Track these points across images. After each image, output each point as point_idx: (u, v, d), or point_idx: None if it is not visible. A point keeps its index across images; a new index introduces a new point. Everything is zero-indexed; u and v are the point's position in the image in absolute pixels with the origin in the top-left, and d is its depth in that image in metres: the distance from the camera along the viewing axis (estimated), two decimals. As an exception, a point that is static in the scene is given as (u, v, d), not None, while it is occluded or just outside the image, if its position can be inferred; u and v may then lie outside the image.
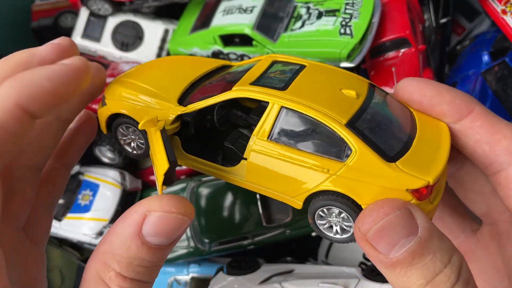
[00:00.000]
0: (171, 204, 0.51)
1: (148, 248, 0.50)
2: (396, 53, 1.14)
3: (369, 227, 0.49)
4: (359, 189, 0.54)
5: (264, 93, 0.58)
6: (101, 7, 1.30)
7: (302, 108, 0.56)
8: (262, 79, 0.61)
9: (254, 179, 0.60)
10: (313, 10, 1.14)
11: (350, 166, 0.54)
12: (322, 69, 0.65)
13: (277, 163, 0.57)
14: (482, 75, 1.09)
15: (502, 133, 0.58)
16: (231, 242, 1.13)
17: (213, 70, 0.71)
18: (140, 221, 0.51)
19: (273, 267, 1.07)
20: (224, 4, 1.24)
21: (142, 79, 0.68)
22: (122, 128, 0.67)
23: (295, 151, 0.56)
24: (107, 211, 1.19)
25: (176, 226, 0.51)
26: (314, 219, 0.60)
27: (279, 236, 1.11)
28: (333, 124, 0.55)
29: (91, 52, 1.36)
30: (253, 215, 1.10)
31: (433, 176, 0.53)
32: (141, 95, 0.65)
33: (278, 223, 1.10)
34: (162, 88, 0.66)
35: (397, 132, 0.58)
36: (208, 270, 1.16)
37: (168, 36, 1.34)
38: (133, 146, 0.68)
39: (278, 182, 0.59)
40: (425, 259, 0.48)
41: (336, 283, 0.93)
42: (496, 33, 1.18)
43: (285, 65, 0.65)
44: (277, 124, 0.57)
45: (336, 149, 0.55)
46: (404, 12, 1.13)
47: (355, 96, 0.59)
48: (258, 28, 1.13)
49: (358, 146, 0.54)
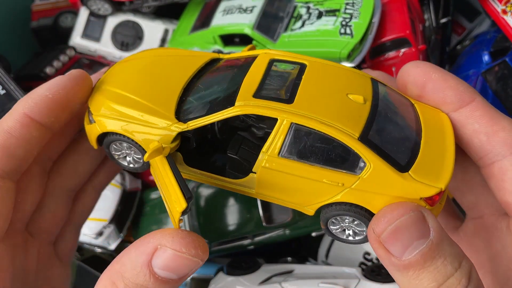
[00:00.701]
0: (183, 244, 0.50)
1: (156, 279, 0.50)
2: (396, 53, 1.14)
3: (384, 228, 0.50)
4: (373, 200, 0.54)
5: (272, 108, 0.56)
6: (101, 7, 1.30)
7: (313, 124, 0.54)
8: (264, 87, 0.59)
9: (265, 191, 0.59)
10: (313, 10, 1.14)
11: (364, 179, 0.54)
12: (324, 67, 0.63)
13: (289, 178, 0.56)
14: (483, 75, 1.09)
15: (501, 125, 0.58)
16: (231, 242, 1.12)
17: (203, 68, 0.67)
18: (151, 252, 0.51)
19: (273, 267, 1.06)
20: (224, 4, 1.23)
21: (128, 88, 0.63)
22: (115, 144, 0.64)
23: (307, 166, 0.55)
24: (107, 211, 1.19)
25: (185, 266, 0.51)
26: (327, 225, 0.60)
27: (279, 236, 1.11)
28: (346, 139, 0.54)
29: (91, 52, 1.36)
30: (253, 215, 1.10)
31: (444, 182, 0.53)
32: (132, 111, 0.60)
33: (278, 223, 1.10)
34: (153, 99, 0.61)
35: (405, 136, 0.57)
36: (208, 270, 1.16)
37: (168, 36, 1.34)
38: (129, 160, 0.65)
39: (290, 195, 0.58)
40: (437, 262, 0.48)
41: (336, 283, 0.93)
42: (496, 33, 1.18)
43: (284, 65, 0.63)
44: (287, 140, 0.56)
45: (349, 163, 0.55)
46: (404, 12, 1.13)
47: (363, 102, 0.58)
48: (258, 28, 1.13)
49: (372, 159, 0.53)
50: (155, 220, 1.19)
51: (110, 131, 0.61)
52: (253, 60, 0.64)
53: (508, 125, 0.58)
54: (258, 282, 0.99)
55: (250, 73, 0.61)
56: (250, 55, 0.66)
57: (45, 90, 0.60)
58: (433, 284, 0.48)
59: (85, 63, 1.28)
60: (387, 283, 0.92)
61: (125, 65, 0.69)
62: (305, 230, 1.10)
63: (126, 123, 0.60)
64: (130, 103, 0.61)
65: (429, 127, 0.59)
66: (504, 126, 0.58)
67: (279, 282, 0.97)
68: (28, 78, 1.20)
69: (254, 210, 1.10)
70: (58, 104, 0.60)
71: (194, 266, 0.51)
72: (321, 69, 0.63)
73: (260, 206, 1.10)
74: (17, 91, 1.00)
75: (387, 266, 0.51)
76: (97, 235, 1.19)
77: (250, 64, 0.63)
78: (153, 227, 1.18)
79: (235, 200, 1.12)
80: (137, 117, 0.60)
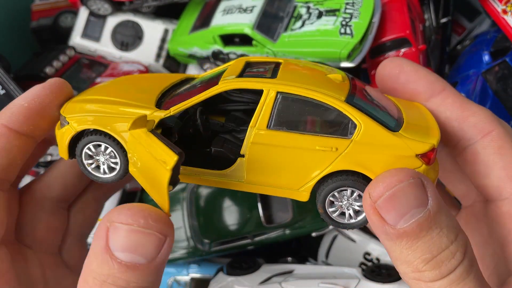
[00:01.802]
0: (131, 215, 0.47)
1: (120, 265, 0.46)
2: (396, 53, 1.14)
3: (381, 193, 0.48)
4: (369, 163, 0.53)
5: (256, 81, 0.56)
6: (100, 6, 1.30)
7: (299, 90, 0.54)
8: (245, 74, 0.59)
9: (255, 176, 0.57)
10: (313, 9, 1.14)
11: (357, 141, 0.53)
12: (299, 62, 0.65)
13: (280, 153, 0.55)
14: (483, 75, 1.09)
15: (471, 111, 0.59)
16: (231, 242, 1.12)
17: (178, 83, 0.67)
18: (104, 234, 0.47)
19: (273, 267, 1.06)
20: (224, 4, 1.23)
21: (104, 94, 0.62)
22: (89, 148, 0.60)
23: (298, 135, 0.54)
24: (107, 211, 1.19)
25: (146, 243, 0.46)
26: (325, 207, 0.57)
27: (279, 236, 1.11)
28: (333, 101, 0.54)
29: (90, 52, 1.36)
30: (253, 215, 1.10)
31: (435, 139, 0.54)
32: (110, 106, 0.58)
33: (278, 223, 1.10)
34: (132, 98, 0.60)
35: (388, 108, 0.58)
36: (208, 270, 1.16)
37: (168, 36, 1.34)
38: (103, 168, 0.61)
39: (283, 174, 0.56)
40: (432, 232, 0.47)
41: (336, 283, 0.93)
42: (496, 33, 1.18)
43: (260, 64, 0.63)
44: (274, 111, 0.55)
45: (339, 127, 0.54)
46: (405, 12, 1.13)
47: (342, 79, 0.59)
48: (258, 28, 1.13)
49: (362, 119, 0.53)
50: (155, 220, 1.19)
51: (87, 127, 0.58)
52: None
53: (478, 110, 0.59)
54: (258, 282, 0.99)
55: (228, 70, 0.62)
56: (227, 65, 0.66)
57: (21, 99, 0.62)
58: (426, 256, 0.47)
59: (85, 63, 1.28)
60: (387, 283, 0.92)
61: (97, 86, 0.70)
62: (305, 230, 1.10)
63: (106, 118, 0.58)
64: (108, 101, 0.60)
65: (408, 109, 0.61)
66: (474, 111, 0.58)
67: (279, 282, 0.97)
68: (28, 78, 1.20)
69: (254, 210, 1.10)
70: (34, 112, 0.61)
71: (157, 242, 0.47)
72: (297, 62, 0.64)
73: (260, 206, 1.10)
74: (17, 91, 1.00)
75: (379, 234, 0.49)
76: (97, 235, 1.19)
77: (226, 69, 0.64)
78: (153, 227, 1.18)
79: (235, 200, 1.12)
80: (115, 111, 0.58)
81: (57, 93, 0.64)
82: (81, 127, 0.59)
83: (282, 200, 1.11)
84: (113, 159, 0.60)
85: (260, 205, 1.10)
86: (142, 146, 0.53)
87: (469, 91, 1.10)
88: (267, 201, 1.11)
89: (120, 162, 0.59)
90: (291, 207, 1.09)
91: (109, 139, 0.58)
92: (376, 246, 1.12)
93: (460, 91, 1.13)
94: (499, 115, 0.61)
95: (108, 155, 0.60)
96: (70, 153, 0.62)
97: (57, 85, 0.65)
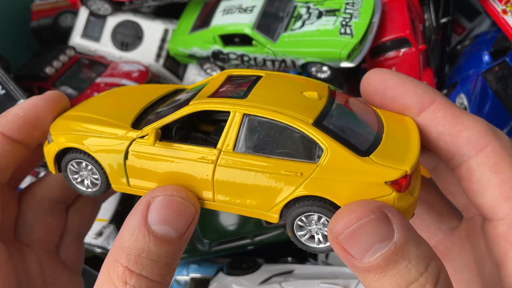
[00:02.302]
0: (172, 189, 0.53)
1: (155, 238, 0.50)
2: (396, 53, 1.14)
3: (342, 230, 0.47)
4: (335, 189, 0.52)
5: (224, 103, 0.55)
6: (100, 6, 1.30)
7: (265, 113, 0.53)
8: (219, 93, 0.59)
9: (223, 197, 0.57)
10: (313, 10, 1.14)
11: (323, 166, 0.52)
12: (281, 77, 0.63)
13: (246, 175, 0.54)
14: (483, 75, 1.09)
15: (464, 124, 0.56)
16: (231, 242, 1.12)
17: (166, 95, 0.68)
18: (145, 209, 0.51)
19: (273, 267, 1.06)
20: (224, 4, 1.23)
21: (90, 110, 0.65)
22: (72, 164, 0.63)
23: (264, 159, 0.54)
24: (107, 211, 1.19)
25: (178, 211, 0.51)
26: (294, 231, 0.57)
27: (279, 236, 1.11)
28: (299, 124, 0.52)
29: (90, 52, 1.36)
30: (253, 215, 1.10)
31: (409, 165, 0.51)
32: (89, 125, 0.60)
33: (278, 223, 1.10)
34: (112, 115, 0.62)
35: (365, 129, 0.56)
36: (208, 270, 1.16)
37: (168, 36, 1.34)
38: (87, 183, 0.64)
39: (250, 197, 0.56)
40: (400, 266, 0.45)
41: (336, 283, 0.93)
42: (496, 33, 1.18)
43: (241, 78, 0.63)
44: (241, 133, 0.55)
45: (306, 151, 0.53)
46: (405, 12, 1.13)
47: (318, 97, 0.57)
48: (258, 28, 1.13)
49: (328, 143, 0.52)
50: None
51: (68, 146, 0.61)
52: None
53: (471, 123, 0.56)
54: (258, 282, 0.99)
55: (207, 86, 0.61)
56: (211, 78, 0.66)
57: (18, 108, 0.65)
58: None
59: (85, 63, 1.28)
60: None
61: (92, 97, 0.73)
62: (305, 230, 1.10)
63: (83, 136, 0.60)
64: (88, 119, 0.62)
65: (391, 125, 0.58)
66: (467, 124, 0.56)
67: (279, 282, 0.97)
68: (28, 78, 1.20)
69: (254, 210, 1.10)
70: (28, 122, 0.64)
71: (190, 217, 0.52)
72: (277, 77, 0.62)
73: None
74: (17, 91, 1.00)
75: (349, 266, 0.49)
76: (97, 235, 1.19)
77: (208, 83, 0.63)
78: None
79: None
80: (94, 129, 0.60)
81: (53, 106, 0.67)
82: (63, 145, 0.62)
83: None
84: (95, 176, 0.62)
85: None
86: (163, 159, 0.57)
87: (469, 91, 1.10)
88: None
89: (101, 178, 0.62)
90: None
91: (88, 157, 0.61)
92: (376, 246, 1.12)
93: (460, 91, 1.13)
94: (499, 115, 0.60)
95: (90, 171, 0.62)
96: (58, 168, 0.65)
97: (54, 98, 0.67)
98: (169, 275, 0.52)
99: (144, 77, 1.21)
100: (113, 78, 1.21)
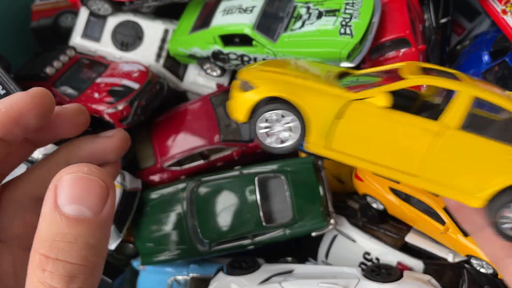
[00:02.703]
0: (75, 167, 0.50)
1: (67, 219, 0.48)
2: (396, 53, 1.14)
3: None
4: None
5: (451, 82, 0.56)
6: (101, 7, 1.30)
7: (497, 99, 0.54)
8: (431, 73, 0.60)
9: (430, 173, 0.56)
10: (313, 10, 1.14)
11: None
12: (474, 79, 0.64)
13: (469, 154, 0.54)
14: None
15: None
16: (231, 242, 1.12)
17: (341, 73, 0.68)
18: (53, 192, 0.49)
19: (273, 267, 1.07)
20: (224, 4, 1.23)
21: (288, 69, 0.63)
22: (270, 116, 0.60)
23: (489, 141, 0.53)
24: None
25: (87, 188, 0.49)
26: (496, 221, 0.56)
27: (279, 236, 1.11)
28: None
29: (91, 52, 1.36)
30: (253, 215, 1.10)
31: None
32: (299, 79, 0.58)
33: (278, 223, 1.10)
34: (314, 76, 0.61)
35: None
36: (208, 270, 1.16)
37: (168, 36, 1.34)
38: (275, 138, 0.62)
39: (463, 176, 0.55)
40: None
41: (336, 283, 0.93)
42: (496, 33, 1.18)
43: (436, 71, 0.63)
44: (469, 114, 0.55)
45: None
46: (404, 12, 1.13)
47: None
48: (258, 28, 1.13)
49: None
50: (155, 220, 1.19)
51: (278, 95, 0.59)
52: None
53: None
54: (258, 282, 0.99)
55: (404, 68, 0.62)
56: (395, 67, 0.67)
57: (0, 104, 0.63)
58: None
59: (85, 63, 1.28)
60: (386, 282, 0.92)
61: (267, 61, 0.72)
62: (305, 230, 1.10)
63: (296, 89, 0.58)
64: (295, 74, 0.60)
65: None
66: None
67: (279, 282, 0.97)
68: (28, 78, 1.20)
69: (254, 210, 1.10)
70: (10, 118, 0.61)
71: (100, 191, 0.49)
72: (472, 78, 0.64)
73: (260, 206, 1.10)
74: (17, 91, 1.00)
75: None
76: (97, 235, 1.19)
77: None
78: (153, 227, 1.18)
79: (235, 200, 1.12)
80: (307, 84, 0.58)
81: (37, 103, 0.66)
82: (271, 94, 0.59)
83: (282, 200, 1.11)
84: (286, 133, 0.61)
85: (260, 205, 1.10)
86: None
87: (469, 91, 1.10)
88: (267, 201, 1.12)
89: (297, 134, 0.60)
90: (291, 207, 1.10)
91: (293, 110, 0.58)
92: (376, 246, 1.12)
93: (460, 91, 1.13)
94: (499, 115, 0.61)
95: (283, 126, 0.60)
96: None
97: (39, 96, 0.67)
98: (94, 256, 0.50)
99: (144, 77, 1.21)
100: (113, 78, 1.22)
